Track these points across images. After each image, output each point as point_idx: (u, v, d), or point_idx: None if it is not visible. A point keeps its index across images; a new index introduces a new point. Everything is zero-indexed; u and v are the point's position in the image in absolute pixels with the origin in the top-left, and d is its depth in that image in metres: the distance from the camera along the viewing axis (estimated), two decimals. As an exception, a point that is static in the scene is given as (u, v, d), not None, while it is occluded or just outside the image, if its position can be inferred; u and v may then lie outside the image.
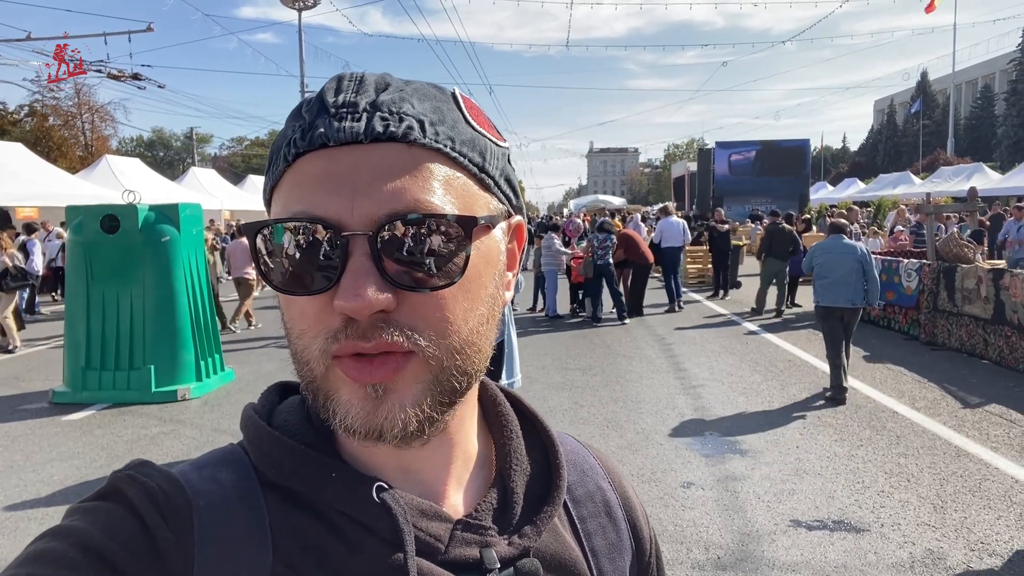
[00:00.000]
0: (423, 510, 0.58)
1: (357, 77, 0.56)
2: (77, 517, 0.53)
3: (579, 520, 0.69)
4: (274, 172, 0.57)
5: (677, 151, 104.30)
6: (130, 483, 0.55)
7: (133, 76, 21.04)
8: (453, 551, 0.58)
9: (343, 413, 0.53)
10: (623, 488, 0.76)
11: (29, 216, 18.11)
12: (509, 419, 0.68)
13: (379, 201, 0.52)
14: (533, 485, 0.66)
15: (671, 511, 4.60)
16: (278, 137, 0.58)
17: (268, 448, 0.60)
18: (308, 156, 0.54)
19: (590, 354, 9.64)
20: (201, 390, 7.86)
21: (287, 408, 0.64)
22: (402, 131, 0.53)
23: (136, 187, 9.49)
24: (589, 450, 0.77)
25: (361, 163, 0.53)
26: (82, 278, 7.78)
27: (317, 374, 0.54)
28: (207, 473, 0.59)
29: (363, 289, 0.50)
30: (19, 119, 40.96)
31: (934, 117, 65.52)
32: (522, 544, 0.61)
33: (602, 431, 6.20)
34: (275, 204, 0.57)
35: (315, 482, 0.57)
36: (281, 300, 0.57)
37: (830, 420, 6.42)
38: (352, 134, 0.52)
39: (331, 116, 0.53)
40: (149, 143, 72.80)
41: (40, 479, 5.42)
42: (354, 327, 0.51)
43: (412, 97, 0.56)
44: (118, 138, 55.44)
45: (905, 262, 10.51)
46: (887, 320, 10.88)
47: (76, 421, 6.95)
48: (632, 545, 0.72)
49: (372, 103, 0.54)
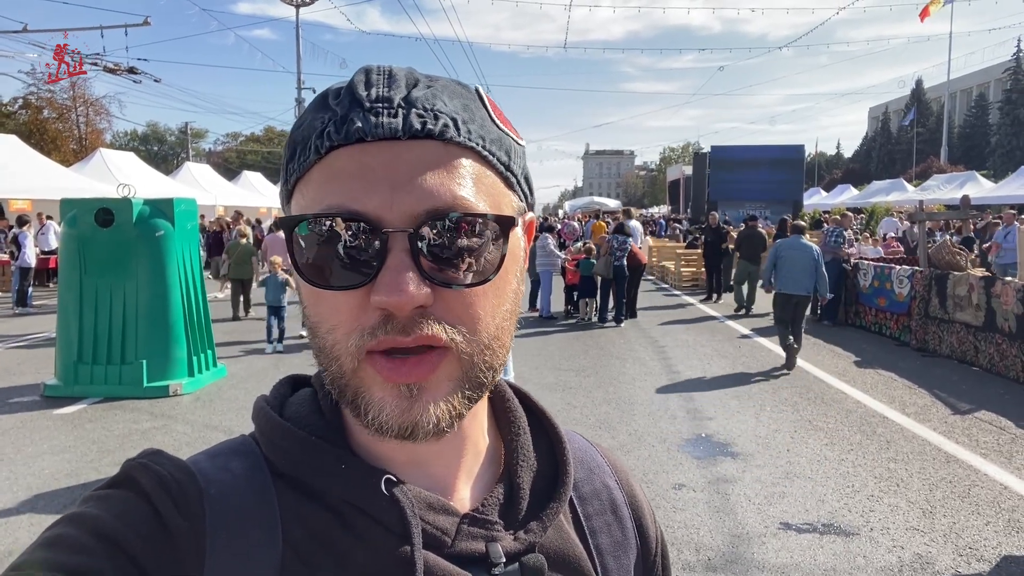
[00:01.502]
0: (431, 503, 0.59)
1: (386, 71, 0.56)
2: (91, 504, 0.54)
3: (584, 517, 0.69)
4: (301, 163, 0.56)
5: (673, 154, 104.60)
6: (143, 471, 0.56)
7: (129, 70, 21.01)
8: (459, 545, 0.58)
9: (376, 411, 0.54)
10: (630, 486, 0.76)
11: (22, 209, 18.03)
12: (517, 415, 0.69)
13: (418, 198, 0.52)
14: (540, 481, 0.66)
15: (662, 512, 4.61)
16: (300, 127, 0.57)
17: (278, 439, 0.60)
18: (343, 150, 0.54)
19: (583, 355, 9.66)
20: (193, 386, 7.83)
21: (298, 400, 0.65)
22: (439, 129, 0.54)
23: (130, 181, 9.49)
24: (597, 448, 0.78)
25: (399, 159, 0.53)
26: (75, 271, 7.74)
27: (347, 370, 0.54)
28: (219, 462, 0.59)
29: (404, 284, 0.50)
30: (13, 111, 40.78)
31: (928, 125, 65.81)
32: (528, 540, 0.61)
33: (595, 432, 6.21)
34: (301, 196, 0.57)
35: (324, 473, 0.58)
36: (308, 295, 0.56)
37: (821, 424, 6.46)
38: (391, 130, 0.53)
39: (366, 110, 0.53)
40: (144, 137, 72.55)
41: (30, 472, 5.40)
42: (393, 323, 0.52)
43: (443, 94, 0.56)
44: (112, 132, 55.29)
45: (897, 268, 10.57)
46: (879, 326, 10.94)
47: (67, 415, 6.92)
48: (637, 543, 0.72)
49: (405, 99, 0.54)
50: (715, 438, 6.10)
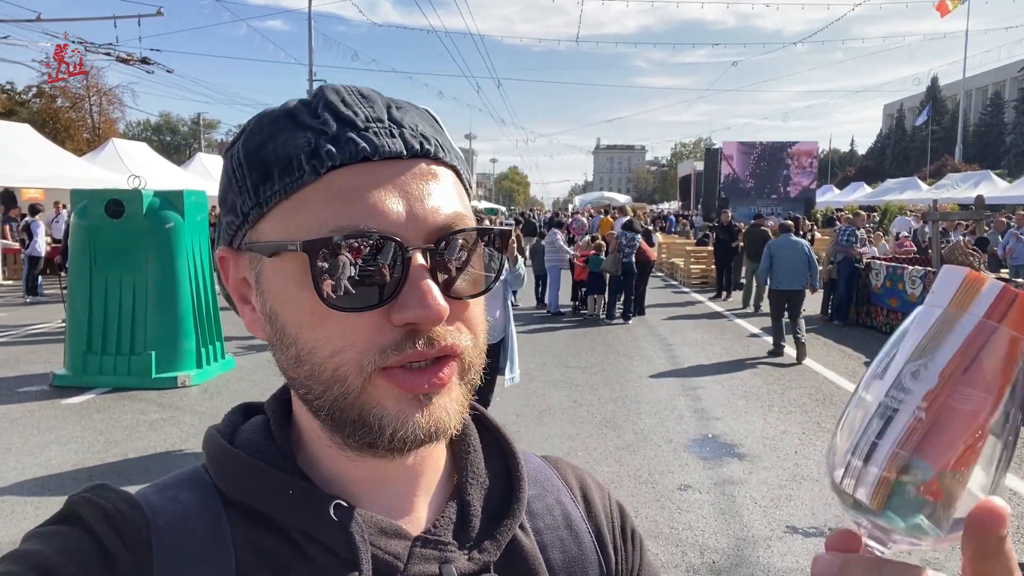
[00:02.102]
0: (382, 528, 0.59)
1: (355, 91, 0.58)
2: (35, 541, 0.53)
3: (535, 532, 0.68)
4: (285, 184, 0.54)
5: (684, 150, 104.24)
6: (87, 505, 0.55)
7: (142, 60, 21.02)
8: (412, 568, 0.58)
9: (398, 424, 0.54)
10: (590, 502, 0.74)
11: (34, 197, 18.13)
12: (467, 431, 0.69)
13: (431, 215, 0.54)
14: (492, 499, 0.66)
15: (667, 513, 4.59)
16: (269, 147, 0.55)
17: (227, 466, 0.60)
18: (345, 170, 0.54)
19: (591, 352, 9.63)
20: (201, 377, 7.86)
21: (250, 427, 0.64)
22: (434, 148, 0.57)
23: (142, 172, 9.49)
24: (554, 468, 0.76)
25: (406, 178, 0.55)
26: (85, 262, 7.78)
27: (352, 390, 0.54)
28: (169, 494, 0.59)
29: (434, 299, 0.52)
30: (27, 100, 40.97)
31: (943, 123, 65.31)
32: (482, 560, 0.61)
33: (600, 431, 6.20)
34: (288, 219, 0.55)
35: (274, 500, 0.57)
36: (305, 320, 0.54)
37: (830, 426, 6.41)
38: (396, 150, 0.54)
39: (361, 130, 0.54)
40: (156, 127, 72.79)
41: (37, 463, 5.43)
42: (418, 337, 0.53)
43: (415, 116, 0.59)
44: (126, 122, 55.47)
45: (910, 268, 10.48)
46: (890, 326, 10.85)
47: (75, 405, 6.96)
48: (599, 558, 0.70)
49: (392, 119, 0.56)
50: (722, 439, 6.07)
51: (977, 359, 0.38)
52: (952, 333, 0.39)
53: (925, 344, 0.39)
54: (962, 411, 0.38)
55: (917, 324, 0.40)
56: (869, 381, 0.41)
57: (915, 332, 0.40)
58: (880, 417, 0.40)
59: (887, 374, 0.40)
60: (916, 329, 0.40)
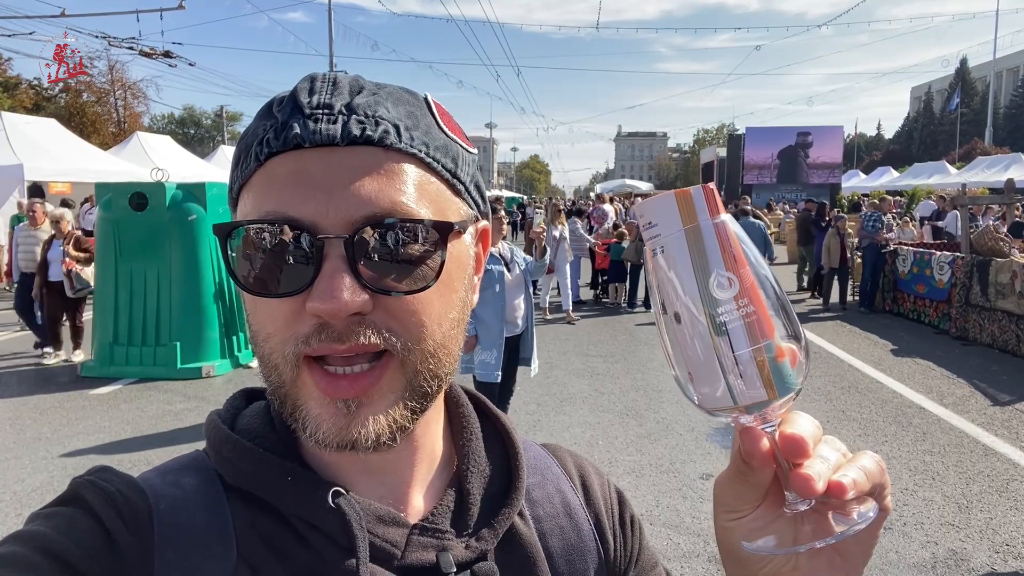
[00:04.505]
0: (380, 515, 0.59)
1: (330, 78, 0.56)
2: (38, 522, 0.54)
3: (534, 520, 0.68)
4: (243, 170, 0.56)
5: (707, 136, 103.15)
6: (90, 488, 0.56)
7: (164, 54, 21.21)
8: (410, 556, 0.58)
9: (313, 427, 0.53)
10: (589, 489, 0.74)
11: (62, 191, 18.40)
12: (469, 420, 0.69)
13: (355, 204, 0.52)
14: (492, 487, 0.66)
15: (689, 502, 4.57)
16: (246, 134, 0.57)
17: (227, 452, 0.60)
18: (281, 156, 0.53)
19: (612, 341, 9.60)
20: (225, 367, 7.97)
21: (251, 413, 0.64)
22: (378, 135, 0.53)
23: (166, 164, 9.62)
24: (554, 455, 0.76)
25: (337, 166, 0.53)
26: (111, 254, 7.90)
27: (286, 379, 0.54)
28: (170, 479, 0.59)
29: (339, 291, 0.50)
30: (54, 95, 41.56)
31: (972, 105, 63.96)
32: (479, 547, 0.61)
33: (622, 419, 6.18)
34: (244, 203, 0.56)
35: (273, 486, 0.58)
36: (248, 302, 0.56)
37: (855, 414, 6.33)
38: (328, 136, 0.52)
39: (306, 117, 0.53)
40: (180, 120, 73.50)
41: (66, 452, 5.53)
42: (328, 331, 0.51)
43: (386, 101, 0.56)
44: (150, 115, 56.12)
45: (937, 255, 10.29)
46: (917, 313, 10.69)
47: (103, 395, 7.08)
48: (598, 548, 0.70)
49: (347, 105, 0.54)
50: (745, 427, 6.01)
51: (729, 248, 0.46)
52: (705, 242, 0.46)
53: (699, 262, 0.46)
54: (752, 288, 0.46)
55: (676, 254, 0.46)
56: (668, 324, 0.48)
57: (680, 260, 0.46)
58: (718, 334, 0.46)
59: (688, 303, 0.46)
60: (679, 258, 0.46)
